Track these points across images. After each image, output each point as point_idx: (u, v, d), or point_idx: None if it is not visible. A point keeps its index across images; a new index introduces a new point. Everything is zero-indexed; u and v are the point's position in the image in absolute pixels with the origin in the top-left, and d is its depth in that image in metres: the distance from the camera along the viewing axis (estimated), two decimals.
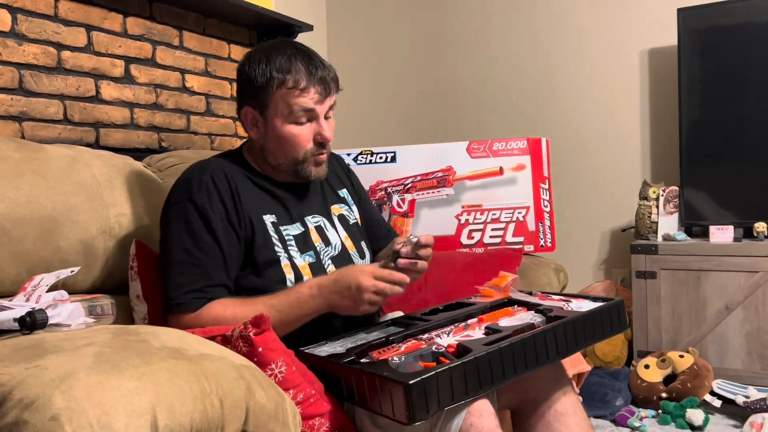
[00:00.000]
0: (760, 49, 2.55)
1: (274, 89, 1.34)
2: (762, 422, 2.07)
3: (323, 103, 1.37)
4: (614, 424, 2.29)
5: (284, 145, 1.38)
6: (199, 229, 1.31)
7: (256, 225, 1.36)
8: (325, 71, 1.36)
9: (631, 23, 2.92)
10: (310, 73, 1.34)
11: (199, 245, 1.30)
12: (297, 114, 1.35)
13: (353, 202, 1.61)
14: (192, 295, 1.28)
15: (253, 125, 1.42)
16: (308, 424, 1.13)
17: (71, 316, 1.09)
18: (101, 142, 2.03)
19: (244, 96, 1.41)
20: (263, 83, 1.35)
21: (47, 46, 1.88)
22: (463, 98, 3.27)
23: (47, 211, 1.40)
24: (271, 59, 1.35)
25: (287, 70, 1.33)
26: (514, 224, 2.46)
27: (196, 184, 1.34)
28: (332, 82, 1.38)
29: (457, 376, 1.04)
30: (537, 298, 1.43)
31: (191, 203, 1.32)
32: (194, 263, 1.30)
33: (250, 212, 1.36)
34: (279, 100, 1.35)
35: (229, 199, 1.34)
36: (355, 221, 1.57)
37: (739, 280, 2.44)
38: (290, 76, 1.33)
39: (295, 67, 1.34)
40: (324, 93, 1.36)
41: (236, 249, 1.34)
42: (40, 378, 0.80)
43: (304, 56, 1.36)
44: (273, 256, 1.36)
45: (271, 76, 1.34)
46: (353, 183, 1.66)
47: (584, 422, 1.31)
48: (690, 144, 2.67)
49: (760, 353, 2.42)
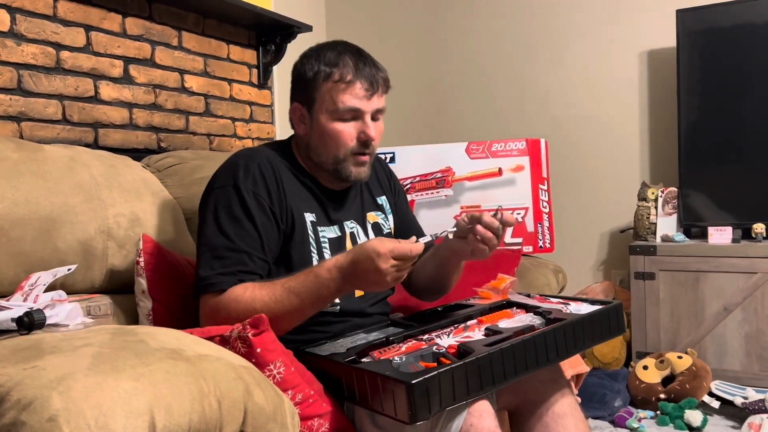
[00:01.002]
0: (759, 50, 2.55)
1: (320, 82, 1.34)
2: (760, 423, 2.07)
3: (369, 100, 1.35)
4: (613, 425, 2.29)
5: (327, 142, 1.37)
6: (241, 216, 1.29)
7: (297, 220, 1.35)
8: (374, 69, 1.36)
9: (630, 24, 2.92)
10: (357, 68, 1.33)
11: (239, 232, 1.28)
12: (342, 111, 1.34)
13: (390, 211, 1.58)
14: (223, 277, 1.26)
15: (300, 122, 1.41)
16: (307, 424, 1.13)
17: (69, 316, 1.09)
18: (100, 143, 2.03)
19: (294, 92, 1.42)
20: (311, 77, 1.35)
21: (46, 46, 1.87)
22: (462, 99, 3.27)
23: (46, 211, 1.40)
24: (321, 54, 1.36)
25: (335, 63, 1.34)
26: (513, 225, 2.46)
27: (243, 171, 1.32)
28: (381, 80, 1.37)
29: (458, 377, 1.04)
30: (535, 300, 1.43)
31: (235, 189, 1.30)
32: (231, 248, 1.27)
33: (293, 207, 1.35)
34: (325, 94, 1.34)
35: (275, 190, 1.33)
36: (389, 231, 1.55)
37: (738, 281, 2.44)
38: (337, 69, 1.33)
39: (343, 60, 1.34)
40: (371, 90, 1.34)
41: (275, 240, 1.33)
42: (38, 379, 0.80)
43: (354, 52, 1.36)
44: (307, 256, 1.35)
45: (318, 70, 1.34)
46: (393, 188, 1.63)
47: (582, 423, 1.31)
48: (689, 145, 2.67)
49: (758, 354, 2.42)
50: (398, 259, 1.16)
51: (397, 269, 1.16)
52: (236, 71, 2.60)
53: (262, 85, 2.73)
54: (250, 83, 2.67)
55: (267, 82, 2.74)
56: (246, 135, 2.65)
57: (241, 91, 2.63)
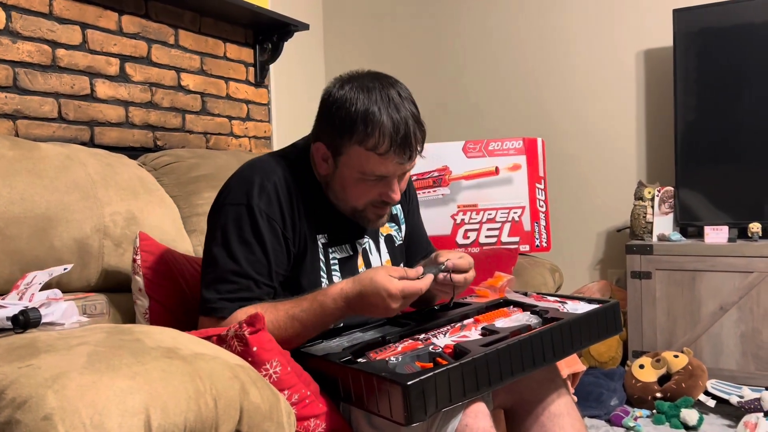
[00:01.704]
0: (755, 50, 2.55)
1: (352, 141, 1.24)
2: (756, 422, 2.08)
3: (400, 168, 1.27)
4: (609, 423, 2.30)
5: (347, 194, 1.31)
6: (251, 240, 1.25)
7: (310, 244, 1.31)
8: (413, 138, 1.24)
9: (627, 24, 2.92)
10: (394, 137, 1.21)
11: (248, 257, 1.24)
12: (368, 175, 1.26)
13: (404, 220, 1.55)
14: (227, 303, 1.24)
15: (322, 161, 1.31)
16: (303, 425, 1.12)
17: (65, 315, 1.09)
18: (96, 141, 2.02)
19: (321, 129, 1.30)
20: (342, 130, 1.24)
21: (42, 44, 1.87)
22: (459, 98, 3.27)
23: (41, 209, 1.39)
24: (358, 101, 1.22)
25: (372, 126, 1.21)
26: (510, 224, 2.46)
27: (258, 189, 1.26)
28: (417, 145, 1.26)
29: (455, 378, 1.04)
30: (532, 299, 1.42)
31: (248, 209, 1.25)
32: (239, 273, 1.24)
33: (306, 230, 1.31)
34: (354, 154, 1.25)
35: (288, 213, 1.28)
36: (400, 243, 1.53)
37: (734, 280, 2.44)
38: (372, 137, 1.21)
39: (382, 125, 1.21)
40: (402, 161, 1.25)
41: (284, 266, 1.29)
42: (33, 377, 0.80)
43: (393, 109, 1.22)
44: (316, 280, 1.33)
45: (353, 126, 1.22)
46: (408, 195, 1.57)
47: (578, 423, 1.31)
48: (685, 145, 2.67)
49: (754, 353, 2.42)
50: (406, 297, 1.17)
51: (403, 304, 1.18)
52: (233, 70, 2.59)
53: (259, 83, 2.73)
54: (247, 82, 2.67)
55: (264, 80, 2.74)
56: (243, 134, 2.64)
57: (238, 90, 2.62)
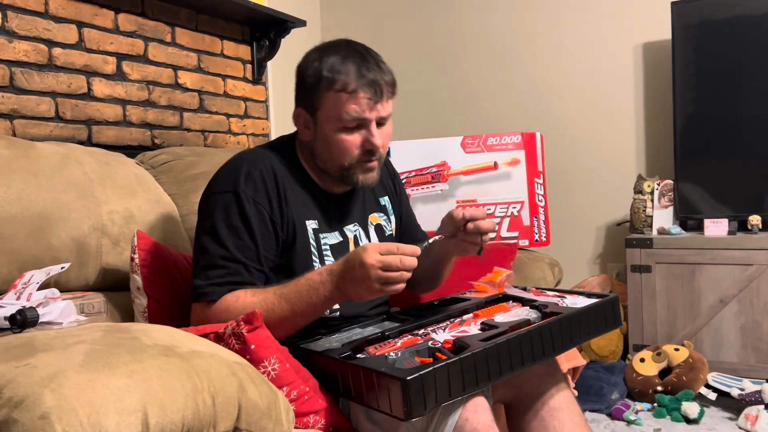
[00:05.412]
0: (753, 42, 2.55)
1: (323, 91, 1.29)
2: (757, 414, 2.08)
3: (374, 109, 1.29)
4: (610, 417, 2.30)
5: (332, 151, 1.33)
6: (239, 225, 1.27)
7: (299, 230, 1.33)
8: (379, 74, 1.29)
9: (625, 17, 2.91)
10: (360, 75, 1.27)
11: (236, 242, 1.26)
12: (345, 121, 1.29)
13: (393, 212, 1.56)
14: (216, 287, 1.25)
15: (305, 127, 1.36)
16: (302, 421, 1.12)
17: (63, 314, 1.09)
18: (93, 140, 2.02)
19: (297, 96, 1.37)
20: (313, 83, 1.30)
21: (38, 43, 1.86)
22: (457, 93, 3.26)
23: (38, 208, 1.39)
24: (324, 58, 1.30)
25: (337, 70, 1.27)
26: (509, 219, 2.46)
27: (244, 177, 1.29)
28: (386, 86, 1.30)
29: (454, 373, 1.04)
30: (532, 293, 1.42)
31: (235, 195, 1.28)
32: (228, 257, 1.26)
33: (295, 216, 1.33)
34: (328, 103, 1.29)
35: (276, 198, 1.30)
36: (390, 233, 1.53)
37: (734, 273, 2.44)
38: (339, 77, 1.27)
39: (346, 67, 1.27)
40: (374, 98, 1.28)
41: (273, 250, 1.31)
42: (30, 376, 0.79)
43: (357, 56, 1.29)
44: (309, 264, 1.33)
45: (320, 77, 1.29)
46: (397, 189, 1.60)
47: (578, 417, 1.31)
48: (684, 138, 2.67)
49: (754, 346, 2.42)
50: (386, 270, 1.11)
51: (383, 267, 1.11)
52: (230, 67, 2.59)
53: (257, 80, 2.72)
54: (245, 79, 2.66)
55: (261, 77, 2.73)
56: (241, 131, 2.64)
57: (236, 87, 2.62)
